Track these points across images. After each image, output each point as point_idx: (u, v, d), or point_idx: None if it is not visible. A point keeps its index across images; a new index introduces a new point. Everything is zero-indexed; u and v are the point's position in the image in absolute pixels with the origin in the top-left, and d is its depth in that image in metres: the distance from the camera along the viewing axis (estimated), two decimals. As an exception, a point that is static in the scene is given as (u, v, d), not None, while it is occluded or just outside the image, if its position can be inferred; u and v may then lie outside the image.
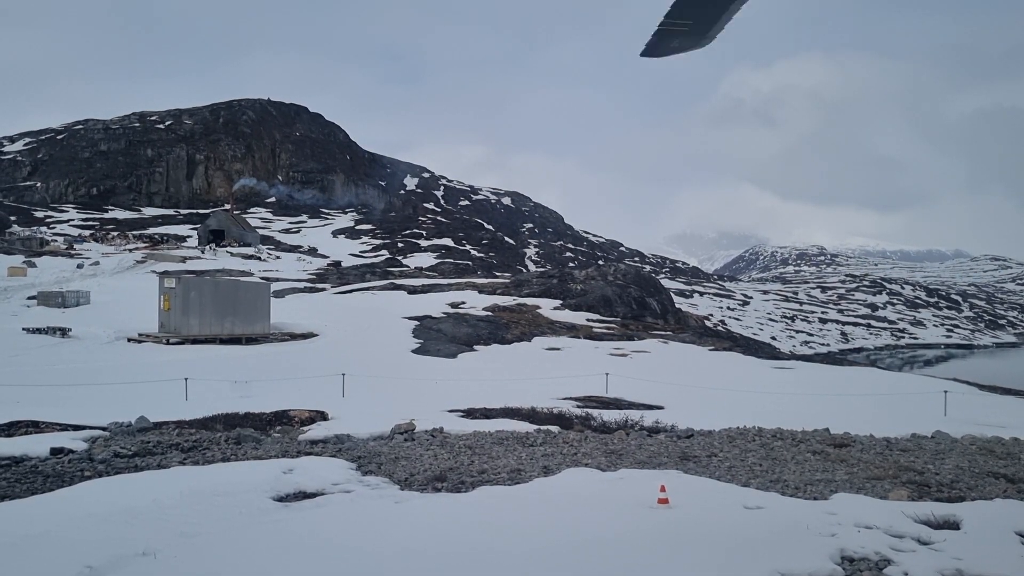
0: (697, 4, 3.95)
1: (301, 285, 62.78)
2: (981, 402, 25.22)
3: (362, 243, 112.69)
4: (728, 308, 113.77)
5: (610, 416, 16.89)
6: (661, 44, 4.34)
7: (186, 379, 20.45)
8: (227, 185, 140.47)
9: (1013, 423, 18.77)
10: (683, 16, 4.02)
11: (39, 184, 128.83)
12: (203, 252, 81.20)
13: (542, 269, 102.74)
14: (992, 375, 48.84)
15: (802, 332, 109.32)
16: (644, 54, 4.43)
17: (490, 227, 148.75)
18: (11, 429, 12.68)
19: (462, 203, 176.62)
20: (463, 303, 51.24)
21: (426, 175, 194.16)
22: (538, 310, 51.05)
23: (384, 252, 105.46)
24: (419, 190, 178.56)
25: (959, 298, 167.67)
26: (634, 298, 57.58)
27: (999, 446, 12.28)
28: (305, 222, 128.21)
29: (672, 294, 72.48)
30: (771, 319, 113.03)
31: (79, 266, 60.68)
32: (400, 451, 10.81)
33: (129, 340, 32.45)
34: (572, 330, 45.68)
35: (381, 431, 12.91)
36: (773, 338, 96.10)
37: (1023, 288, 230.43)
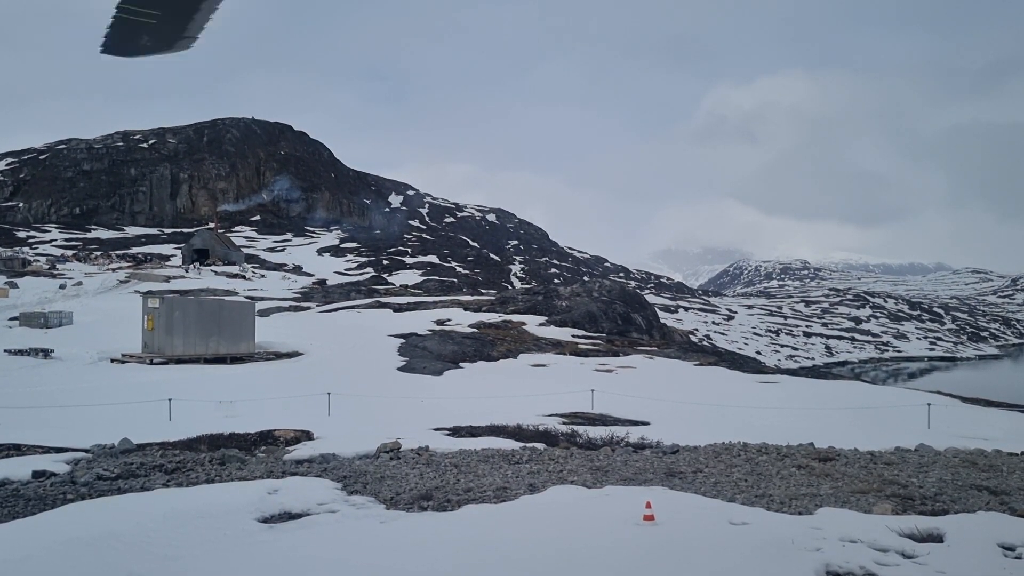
0: None
1: (286, 304, 62.51)
2: (964, 415, 25.40)
3: (347, 261, 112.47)
4: (713, 323, 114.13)
5: (596, 433, 16.90)
6: (126, 40, 3.63)
7: (170, 400, 20.31)
8: (211, 204, 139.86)
9: (996, 435, 18.93)
10: (145, 4, 3.39)
11: (21, 204, 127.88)
12: (187, 271, 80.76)
13: (527, 286, 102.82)
14: (975, 387, 49.19)
15: (787, 346, 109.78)
16: (105, 51, 3.68)
17: (475, 244, 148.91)
18: (-8, 452, 12.55)
19: (447, 220, 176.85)
20: (448, 320, 51.18)
21: (411, 193, 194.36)
22: (523, 327, 51.06)
23: (369, 270, 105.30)
24: (404, 208, 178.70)
25: (941, 311, 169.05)
26: (619, 314, 57.71)
27: (982, 458, 12.38)
28: (290, 240, 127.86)
29: (657, 309, 72.72)
30: (756, 333, 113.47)
31: (62, 286, 60.16)
32: (386, 470, 10.76)
33: (112, 361, 32.22)
34: (558, 346, 45.71)
35: (367, 450, 12.87)
36: (758, 352, 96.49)
37: (1004, 301, 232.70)
